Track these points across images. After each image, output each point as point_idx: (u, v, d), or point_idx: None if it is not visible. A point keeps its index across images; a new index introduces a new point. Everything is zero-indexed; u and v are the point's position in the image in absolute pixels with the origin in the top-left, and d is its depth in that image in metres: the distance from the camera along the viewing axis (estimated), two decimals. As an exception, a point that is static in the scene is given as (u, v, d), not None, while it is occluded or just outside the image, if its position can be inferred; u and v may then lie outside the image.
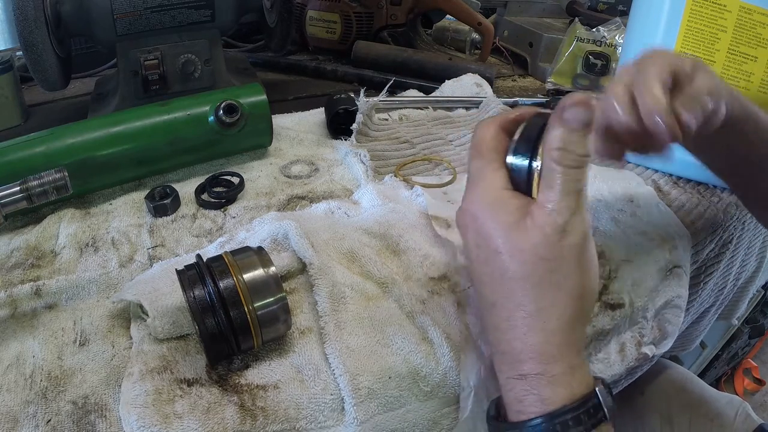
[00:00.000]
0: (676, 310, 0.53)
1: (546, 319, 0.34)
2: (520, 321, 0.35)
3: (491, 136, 0.38)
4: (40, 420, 0.35)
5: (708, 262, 0.63)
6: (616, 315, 0.48)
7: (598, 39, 0.91)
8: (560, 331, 0.34)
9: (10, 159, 0.51)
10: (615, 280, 0.48)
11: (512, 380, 0.35)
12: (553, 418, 0.33)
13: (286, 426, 0.36)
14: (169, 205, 0.54)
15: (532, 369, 0.34)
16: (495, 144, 0.38)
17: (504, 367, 0.36)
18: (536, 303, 0.34)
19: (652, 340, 0.51)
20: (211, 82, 0.72)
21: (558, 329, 0.34)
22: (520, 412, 0.34)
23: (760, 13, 0.56)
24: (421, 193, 0.55)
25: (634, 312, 0.49)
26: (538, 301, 0.34)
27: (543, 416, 0.33)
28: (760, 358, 1.59)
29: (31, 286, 0.44)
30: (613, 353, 0.49)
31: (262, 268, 0.38)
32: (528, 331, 0.34)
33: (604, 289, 0.48)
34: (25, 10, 0.56)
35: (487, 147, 0.38)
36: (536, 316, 0.34)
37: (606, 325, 0.47)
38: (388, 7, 0.95)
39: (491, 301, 0.36)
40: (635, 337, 0.50)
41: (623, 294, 0.48)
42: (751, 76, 0.58)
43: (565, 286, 0.34)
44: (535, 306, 0.34)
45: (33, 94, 0.81)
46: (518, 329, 0.35)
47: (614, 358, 0.49)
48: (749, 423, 0.72)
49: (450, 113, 0.78)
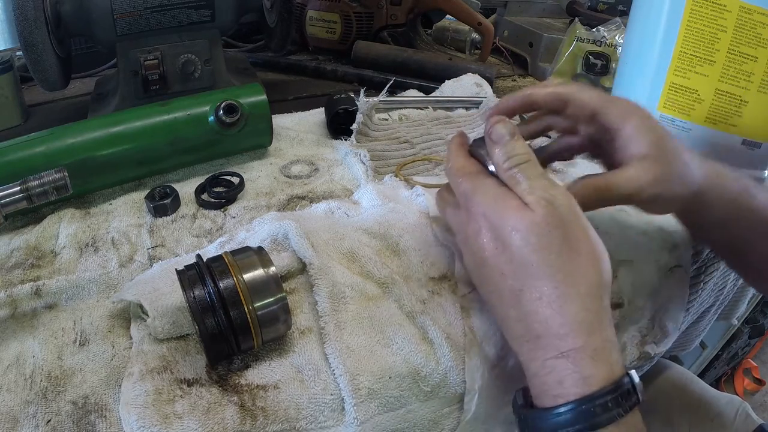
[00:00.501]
0: (678, 308, 0.53)
1: (575, 283, 0.35)
2: (554, 293, 0.35)
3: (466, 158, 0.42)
4: (40, 420, 0.35)
5: (708, 262, 0.63)
6: (616, 314, 0.48)
7: (598, 39, 0.91)
8: (591, 297, 0.35)
9: (10, 159, 0.51)
10: (615, 281, 0.48)
11: (551, 361, 0.35)
12: (594, 399, 0.33)
13: (286, 426, 0.36)
14: (169, 205, 0.54)
15: (574, 343, 0.34)
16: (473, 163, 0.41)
17: (540, 352, 0.35)
18: (563, 271, 0.35)
19: (653, 339, 0.51)
20: (211, 82, 0.72)
21: (589, 294, 0.35)
22: (557, 396, 0.34)
23: (760, 13, 0.56)
24: (421, 193, 0.55)
25: (635, 311, 0.49)
26: (564, 268, 0.35)
27: (582, 398, 0.33)
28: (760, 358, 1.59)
29: (31, 286, 0.44)
30: None
31: (262, 268, 0.38)
32: (564, 302, 0.35)
33: None
34: (25, 10, 0.56)
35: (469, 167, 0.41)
36: (567, 283, 0.35)
37: None
38: (388, 7, 0.95)
39: (518, 289, 0.36)
40: (636, 336, 0.50)
41: (623, 294, 0.48)
42: (751, 76, 0.58)
43: (583, 250, 0.36)
44: (563, 274, 0.35)
45: (33, 94, 0.81)
46: (554, 303, 0.35)
47: None
48: (749, 423, 0.71)
49: (450, 113, 0.78)
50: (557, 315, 0.35)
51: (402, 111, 0.77)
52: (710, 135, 0.62)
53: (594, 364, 0.34)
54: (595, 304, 0.35)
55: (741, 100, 0.59)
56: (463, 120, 0.76)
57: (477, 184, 0.40)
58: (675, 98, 0.63)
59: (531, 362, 0.36)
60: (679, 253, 0.53)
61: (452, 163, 0.42)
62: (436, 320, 0.43)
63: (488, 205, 0.38)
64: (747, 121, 0.60)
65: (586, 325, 0.34)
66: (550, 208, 0.36)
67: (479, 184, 0.39)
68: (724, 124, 0.61)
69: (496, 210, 0.37)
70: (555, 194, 0.37)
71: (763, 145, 0.61)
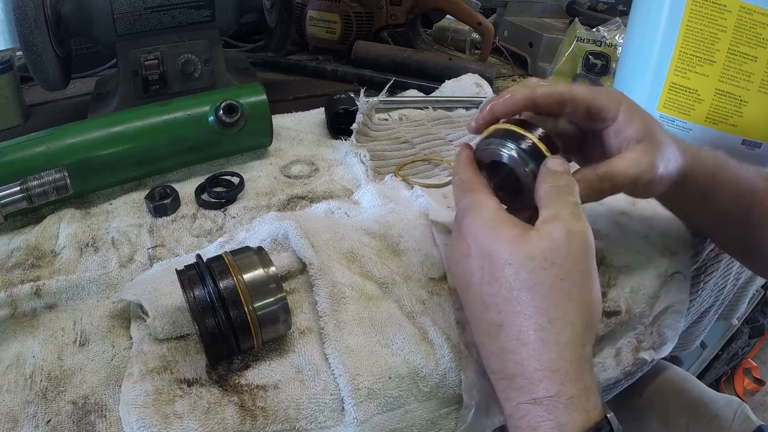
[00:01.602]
0: (676, 315, 0.52)
1: (559, 331, 0.33)
2: (532, 336, 0.34)
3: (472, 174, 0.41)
4: (40, 420, 0.35)
5: (708, 262, 0.63)
6: (611, 322, 0.47)
7: (598, 39, 0.91)
8: (572, 345, 0.34)
9: (10, 159, 0.51)
10: (614, 288, 0.48)
11: (524, 406, 0.33)
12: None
13: (286, 426, 0.36)
14: (169, 205, 0.54)
15: (547, 390, 0.33)
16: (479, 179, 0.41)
17: (513, 393, 0.34)
18: (548, 314, 0.34)
19: (651, 345, 0.50)
20: (211, 82, 0.72)
21: (570, 342, 0.33)
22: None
23: (760, 13, 0.56)
24: (421, 193, 0.55)
25: (632, 318, 0.49)
26: (550, 312, 0.34)
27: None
28: (760, 358, 1.59)
29: (31, 286, 0.44)
30: (609, 357, 0.49)
31: (262, 268, 0.38)
32: (542, 346, 0.33)
33: (602, 297, 0.47)
34: (25, 10, 0.56)
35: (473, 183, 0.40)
36: (548, 329, 0.33)
37: (600, 331, 0.46)
38: (388, 7, 0.95)
39: (498, 323, 0.35)
40: (632, 342, 0.50)
41: (620, 301, 0.48)
42: (751, 76, 0.58)
43: (575, 296, 0.34)
44: (547, 318, 0.34)
45: (33, 94, 0.81)
46: (530, 345, 0.34)
47: (609, 362, 0.49)
48: (748, 424, 0.71)
49: (450, 113, 0.78)
50: (533, 359, 0.34)
51: (402, 111, 0.77)
52: (710, 135, 0.62)
53: (569, 412, 0.32)
54: (575, 353, 0.34)
55: (741, 100, 0.59)
56: (463, 120, 0.76)
57: (475, 203, 0.39)
58: (675, 98, 0.63)
59: (506, 401, 0.35)
60: (680, 258, 0.52)
61: (459, 176, 0.41)
62: (435, 321, 0.43)
63: (480, 229, 0.37)
64: (747, 121, 0.60)
65: (561, 374, 0.33)
66: (558, 241, 0.34)
67: (477, 203, 0.39)
68: (724, 124, 0.61)
69: (490, 236, 0.36)
70: (578, 228, 0.35)
71: (763, 145, 0.61)
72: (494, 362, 0.36)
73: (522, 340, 0.34)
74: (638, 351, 0.50)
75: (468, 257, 0.38)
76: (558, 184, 0.37)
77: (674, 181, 0.44)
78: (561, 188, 0.37)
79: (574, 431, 0.32)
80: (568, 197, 0.36)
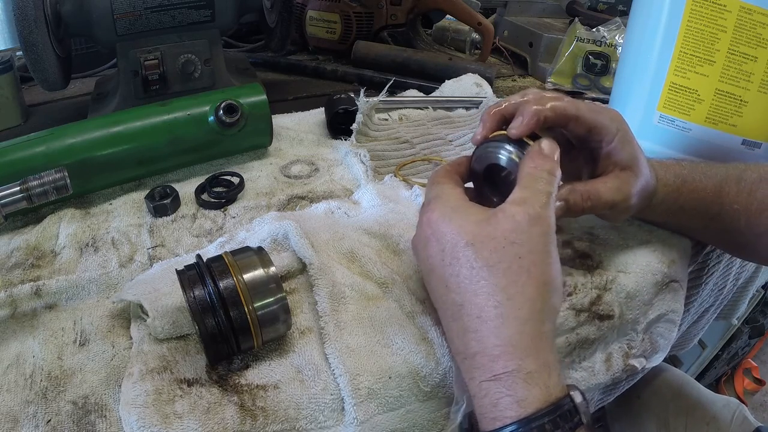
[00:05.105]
0: (670, 324, 0.52)
1: (518, 307, 0.35)
2: (492, 312, 0.35)
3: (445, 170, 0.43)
4: (40, 420, 0.35)
5: (708, 262, 0.63)
6: (603, 326, 0.47)
7: (598, 39, 0.91)
8: (532, 321, 0.35)
9: (10, 159, 0.51)
10: (609, 292, 0.48)
11: (486, 383, 0.34)
12: (530, 422, 0.32)
13: (286, 426, 0.36)
14: (169, 205, 0.54)
15: (506, 366, 0.34)
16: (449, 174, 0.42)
17: (476, 372, 0.35)
18: (506, 291, 0.35)
19: (642, 352, 0.50)
20: (211, 82, 0.72)
21: (530, 319, 0.35)
22: (495, 419, 0.33)
23: (760, 13, 0.56)
24: (420, 193, 0.55)
25: (624, 324, 0.48)
26: (509, 289, 0.35)
27: (518, 421, 0.32)
28: (760, 358, 1.59)
29: (31, 286, 0.44)
30: (598, 362, 0.48)
31: (262, 268, 0.38)
32: (501, 323, 0.34)
33: (597, 300, 0.47)
34: (25, 10, 0.56)
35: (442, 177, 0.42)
36: (507, 305, 0.35)
37: (591, 335, 0.46)
38: (388, 7, 0.95)
39: (459, 303, 0.36)
40: (623, 348, 0.49)
41: (614, 306, 0.47)
42: (751, 76, 0.58)
43: (534, 273, 0.35)
44: (506, 294, 0.35)
45: (33, 94, 0.81)
46: (490, 322, 0.35)
47: (599, 367, 0.48)
48: (746, 426, 0.71)
49: (450, 113, 0.78)
50: (493, 335, 0.34)
51: (402, 111, 0.77)
52: (710, 135, 0.62)
53: (527, 387, 0.33)
54: (534, 329, 0.35)
55: (741, 100, 0.59)
56: (463, 120, 0.76)
57: (441, 192, 0.40)
58: (675, 98, 0.63)
59: (470, 381, 0.36)
60: (677, 267, 0.52)
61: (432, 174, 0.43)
62: (435, 320, 0.43)
63: (444, 215, 0.38)
64: (747, 121, 0.60)
65: (521, 349, 0.34)
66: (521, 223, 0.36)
67: (443, 192, 0.40)
68: (724, 124, 0.61)
69: (453, 220, 0.37)
70: (543, 216, 0.36)
71: (763, 145, 0.60)
72: (458, 343, 0.37)
73: (482, 318, 0.35)
74: (629, 357, 0.49)
75: (430, 242, 0.39)
76: (542, 167, 0.38)
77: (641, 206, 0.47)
78: (541, 174, 0.38)
79: (533, 407, 0.32)
80: (544, 185, 0.37)
